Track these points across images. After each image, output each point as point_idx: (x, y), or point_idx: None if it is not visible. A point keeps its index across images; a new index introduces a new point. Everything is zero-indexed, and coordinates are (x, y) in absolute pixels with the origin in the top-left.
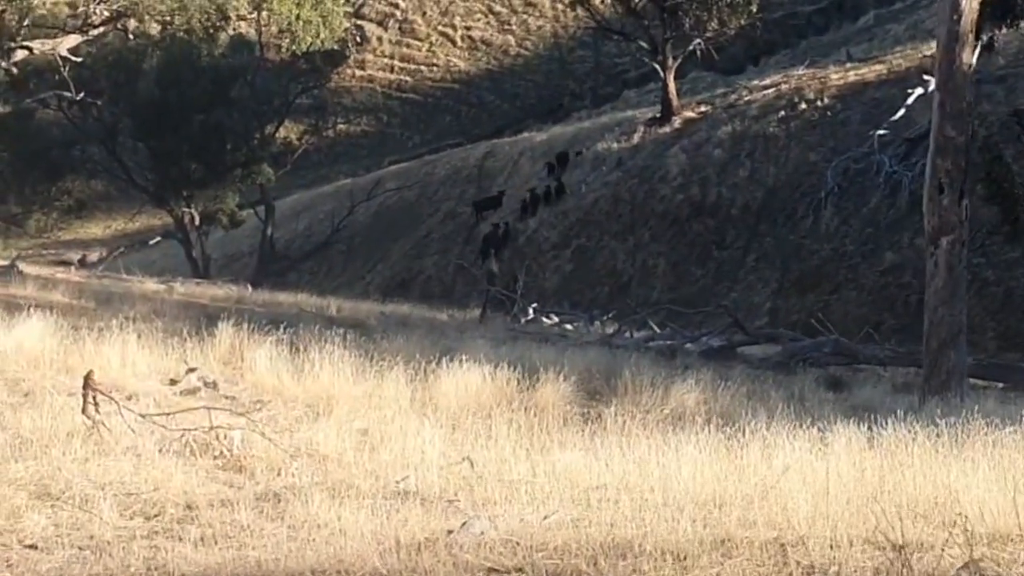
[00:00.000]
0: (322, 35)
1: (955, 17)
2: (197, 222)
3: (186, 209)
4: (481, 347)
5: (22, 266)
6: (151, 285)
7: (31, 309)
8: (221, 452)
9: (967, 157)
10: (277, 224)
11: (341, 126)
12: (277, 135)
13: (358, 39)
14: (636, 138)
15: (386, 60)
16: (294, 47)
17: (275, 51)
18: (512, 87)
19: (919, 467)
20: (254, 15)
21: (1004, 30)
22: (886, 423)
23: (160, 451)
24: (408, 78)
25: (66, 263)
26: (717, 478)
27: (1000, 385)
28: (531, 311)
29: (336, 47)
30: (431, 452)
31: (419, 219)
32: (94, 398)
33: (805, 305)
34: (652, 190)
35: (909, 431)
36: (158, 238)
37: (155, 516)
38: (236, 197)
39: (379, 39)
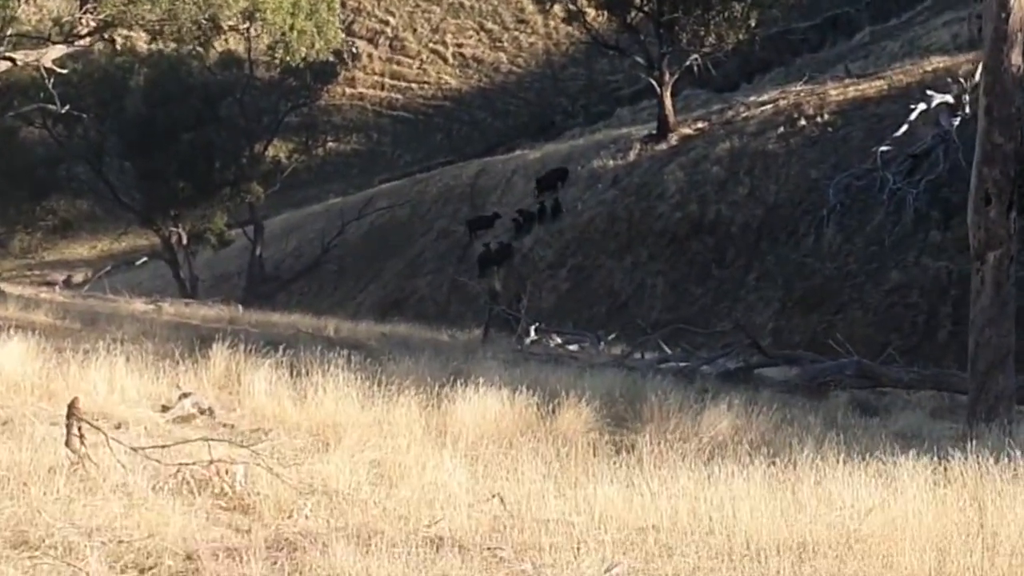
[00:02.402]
0: (317, 45)
1: (1003, 15)
2: (185, 242)
3: (173, 229)
4: (493, 369)
5: (3, 286)
6: (139, 305)
7: (11, 330)
8: (222, 490)
9: (1016, 166)
10: (266, 244)
11: (331, 144)
12: (266, 154)
13: (352, 52)
14: (632, 155)
15: (376, 78)
16: (288, 58)
17: (265, 68)
18: (503, 105)
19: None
20: (246, 26)
21: None
22: (944, 453)
23: (154, 489)
24: (399, 96)
25: (51, 284)
26: (784, 518)
27: None
28: (532, 332)
29: (331, 58)
30: (455, 488)
31: (411, 238)
32: (79, 428)
33: (809, 325)
34: (649, 208)
35: (980, 464)
36: (145, 258)
37: (150, 569)
38: (224, 217)
39: (369, 56)
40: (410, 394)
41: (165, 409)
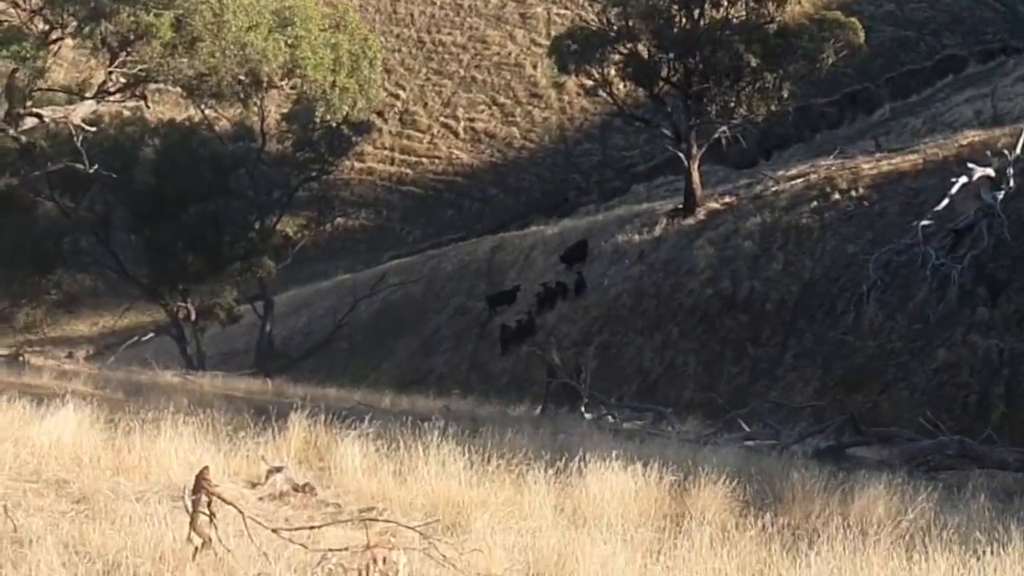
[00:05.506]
0: (359, 104)
1: None
2: (193, 317)
3: (181, 304)
4: (604, 444)
5: (28, 356)
6: (171, 377)
7: (65, 397)
8: None
9: None
10: (275, 320)
11: (339, 220)
12: (277, 228)
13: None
14: (658, 230)
15: (386, 152)
16: (329, 117)
17: (276, 141)
18: (516, 181)
19: None
20: (285, 82)
21: None
22: None
23: None
24: (409, 171)
25: (55, 360)
26: None
27: None
28: (584, 407)
29: (371, 118)
30: None
31: (426, 315)
32: (208, 505)
33: (852, 406)
34: (679, 284)
35: None
36: (151, 334)
37: None
38: (234, 291)
39: (379, 130)
40: (527, 469)
41: (253, 485)
